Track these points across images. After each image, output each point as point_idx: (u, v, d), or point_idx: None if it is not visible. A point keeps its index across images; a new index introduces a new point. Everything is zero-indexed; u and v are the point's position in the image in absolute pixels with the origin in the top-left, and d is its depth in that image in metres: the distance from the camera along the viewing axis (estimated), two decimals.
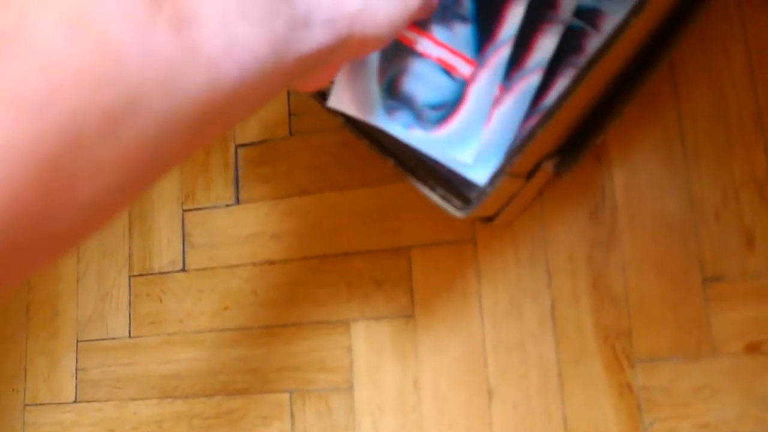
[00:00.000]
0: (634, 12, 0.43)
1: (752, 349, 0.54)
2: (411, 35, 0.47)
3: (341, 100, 0.47)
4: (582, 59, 0.46)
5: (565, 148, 0.55)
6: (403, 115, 0.48)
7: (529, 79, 0.46)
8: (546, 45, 0.46)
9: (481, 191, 0.45)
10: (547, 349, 0.59)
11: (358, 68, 0.48)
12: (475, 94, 0.47)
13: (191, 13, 0.22)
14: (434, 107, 0.48)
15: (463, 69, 0.47)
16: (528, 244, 0.60)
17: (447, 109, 0.48)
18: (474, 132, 0.47)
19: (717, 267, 0.56)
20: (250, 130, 0.70)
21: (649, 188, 0.58)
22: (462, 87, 0.47)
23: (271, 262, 0.67)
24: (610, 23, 0.46)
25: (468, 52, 0.47)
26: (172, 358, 0.68)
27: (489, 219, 0.56)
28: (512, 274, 0.61)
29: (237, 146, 0.70)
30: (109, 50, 0.19)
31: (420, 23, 0.47)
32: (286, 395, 0.64)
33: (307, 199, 0.67)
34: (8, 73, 0.17)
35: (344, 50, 0.32)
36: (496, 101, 0.46)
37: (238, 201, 0.69)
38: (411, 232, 0.64)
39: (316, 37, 0.29)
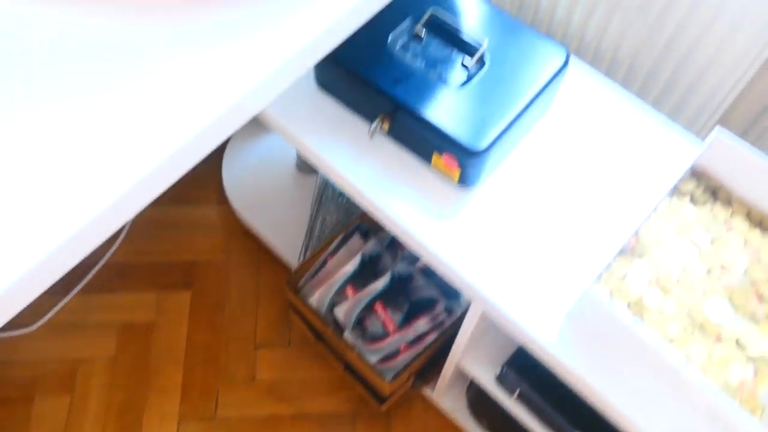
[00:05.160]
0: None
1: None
2: (380, 310, 1.14)
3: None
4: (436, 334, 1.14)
5: (418, 377, 1.20)
6: (357, 332, 1.12)
7: (418, 349, 1.13)
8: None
9: (393, 392, 1.07)
10: None
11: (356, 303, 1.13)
12: (390, 340, 1.13)
13: None
14: (374, 335, 1.13)
15: (390, 327, 1.13)
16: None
17: (380, 339, 1.13)
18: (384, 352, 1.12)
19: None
20: None
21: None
22: (387, 333, 1.13)
23: None
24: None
25: (398, 322, 1.14)
26: None
27: (382, 401, 1.17)
28: None
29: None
30: None
31: (386, 305, 1.13)
32: None
33: None
34: None
35: None
36: (403, 350, 1.12)
37: None
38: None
39: None
